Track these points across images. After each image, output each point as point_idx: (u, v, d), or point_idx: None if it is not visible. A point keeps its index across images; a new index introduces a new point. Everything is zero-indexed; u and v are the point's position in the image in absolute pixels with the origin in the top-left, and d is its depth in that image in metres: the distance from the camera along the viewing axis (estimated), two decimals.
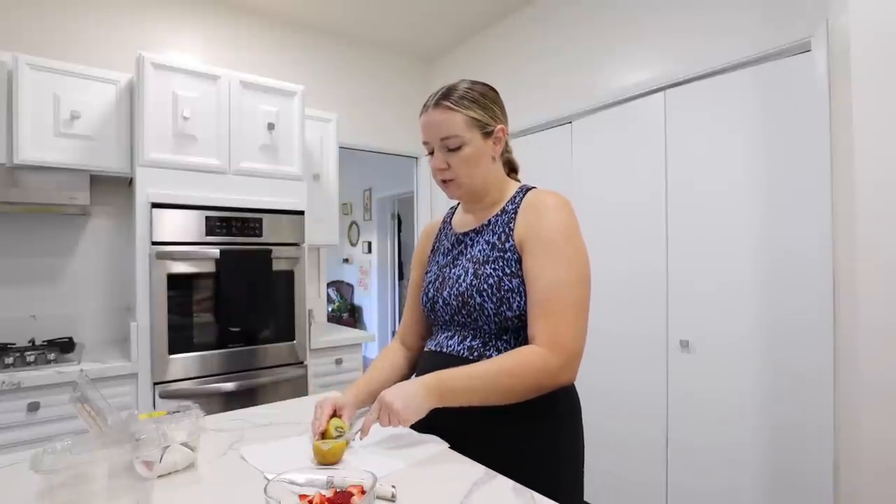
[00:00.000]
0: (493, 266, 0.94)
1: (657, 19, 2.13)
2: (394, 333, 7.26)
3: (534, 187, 1.03)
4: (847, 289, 1.55)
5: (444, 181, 1.00)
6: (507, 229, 0.96)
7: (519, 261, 0.93)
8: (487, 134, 0.97)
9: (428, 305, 1.05)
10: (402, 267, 6.16)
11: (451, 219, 1.14)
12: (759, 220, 1.79)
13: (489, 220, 1.01)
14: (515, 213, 0.97)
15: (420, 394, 0.82)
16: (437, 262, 1.08)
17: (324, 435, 0.88)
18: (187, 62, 2.10)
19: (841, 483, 1.57)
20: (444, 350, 0.98)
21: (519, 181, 1.08)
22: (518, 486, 0.75)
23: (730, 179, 1.87)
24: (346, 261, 6.67)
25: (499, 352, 0.93)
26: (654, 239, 2.11)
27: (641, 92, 2.17)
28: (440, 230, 1.15)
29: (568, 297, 0.87)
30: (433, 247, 1.14)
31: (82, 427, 0.78)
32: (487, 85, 1.01)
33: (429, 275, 1.09)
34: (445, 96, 0.96)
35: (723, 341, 1.88)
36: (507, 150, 1.06)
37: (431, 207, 3.51)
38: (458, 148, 0.95)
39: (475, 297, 0.93)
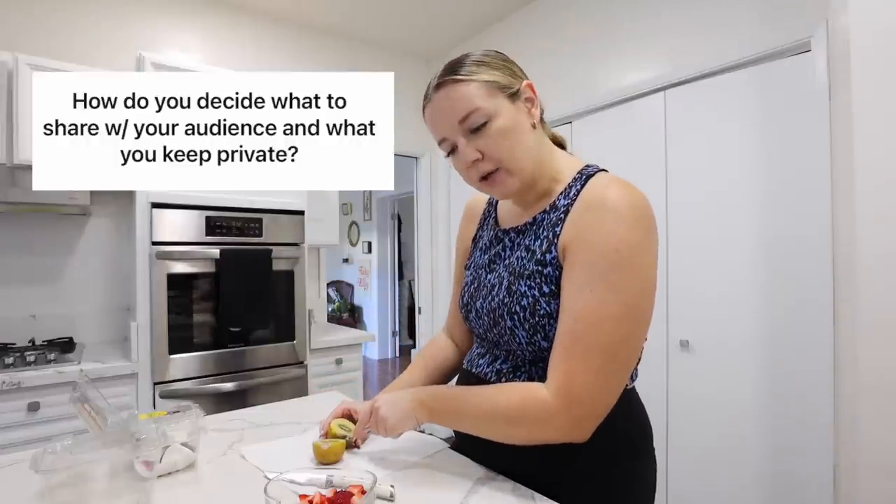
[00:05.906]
0: (528, 283, 0.76)
1: (657, 19, 2.13)
2: (394, 333, 7.16)
3: (602, 171, 0.80)
4: (847, 289, 1.55)
5: (483, 178, 0.77)
6: (551, 234, 0.75)
7: (560, 278, 0.74)
8: (513, 96, 0.76)
9: (463, 312, 0.92)
10: (401, 267, 6.16)
11: (496, 204, 0.95)
12: (759, 220, 1.79)
13: (535, 219, 0.81)
14: (567, 211, 0.75)
15: (410, 410, 0.77)
16: (475, 260, 0.93)
17: (328, 434, 0.88)
18: (187, 62, 2.10)
19: (841, 483, 1.57)
20: (474, 370, 0.88)
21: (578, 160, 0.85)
22: (518, 485, 0.75)
23: (730, 179, 1.87)
24: (346, 261, 6.67)
25: (530, 380, 0.77)
26: None
27: (641, 92, 2.17)
28: (484, 215, 0.97)
29: (601, 335, 0.67)
30: (475, 234, 0.97)
31: (82, 427, 0.78)
32: (493, 50, 0.81)
33: (467, 273, 0.94)
34: (448, 72, 0.76)
35: (723, 341, 1.88)
36: (543, 122, 0.83)
37: (432, 207, 3.50)
38: (485, 124, 0.73)
39: (506, 318, 0.78)
